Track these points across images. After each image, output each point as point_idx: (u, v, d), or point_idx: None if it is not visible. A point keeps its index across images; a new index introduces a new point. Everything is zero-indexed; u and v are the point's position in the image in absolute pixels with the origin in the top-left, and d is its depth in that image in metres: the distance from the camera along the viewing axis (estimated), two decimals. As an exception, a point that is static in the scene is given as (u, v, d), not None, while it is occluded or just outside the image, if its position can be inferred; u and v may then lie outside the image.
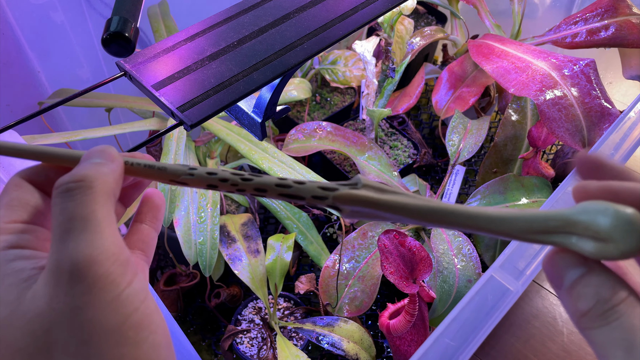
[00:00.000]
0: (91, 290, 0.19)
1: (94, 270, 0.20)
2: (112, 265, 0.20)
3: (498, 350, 0.77)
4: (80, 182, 0.21)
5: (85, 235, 0.20)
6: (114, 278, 0.20)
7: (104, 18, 0.80)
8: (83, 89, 0.34)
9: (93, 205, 0.21)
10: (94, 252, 0.20)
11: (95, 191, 0.21)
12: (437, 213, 0.23)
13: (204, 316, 0.80)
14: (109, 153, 0.23)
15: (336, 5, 0.40)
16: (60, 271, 0.20)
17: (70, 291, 0.19)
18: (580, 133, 0.69)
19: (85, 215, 0.20)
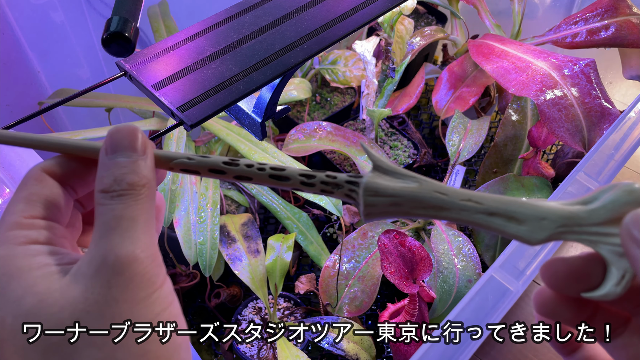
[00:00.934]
0: (128, 285, 0.20)
1: (134, 266, 0.20)
2: (149, 265, 0.21)
3: (498, 350, 0.77)
4: (129, 190, 0.22)
5: (130, 233, 0.21)
6: (149, 277, 0.21)
7: (104, 18, 0.80)
8: (83, 89, 0.34)
9: (140, 210, 0.22)
10: (136, 249, 0.21)
11: (142, 197, 0.22)
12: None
13: (204, 316, 0.80)
14: (142, 142, 0.23)
15: (336, 5, 0.40)
16: (102, 263, 0.20)
17: (108, 283, 0.20)
18: (580, 133, 0.69)
19: (132, 217, 0.21)
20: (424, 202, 0.22)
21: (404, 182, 0.23)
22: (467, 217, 0.22)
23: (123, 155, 0.23)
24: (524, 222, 0.21)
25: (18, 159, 0.47)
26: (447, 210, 0.22)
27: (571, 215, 0.21)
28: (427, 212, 0.22)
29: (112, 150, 0.23)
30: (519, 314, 0.82)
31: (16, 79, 0.77)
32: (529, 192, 0.74)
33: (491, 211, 0.22)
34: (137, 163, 0.22)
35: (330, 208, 0.71)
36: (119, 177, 0.22)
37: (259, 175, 0.24)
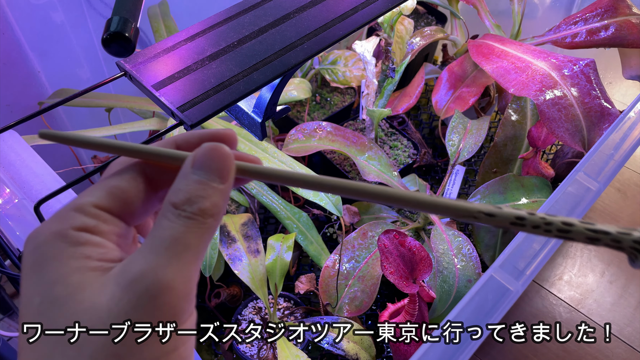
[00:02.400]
0: (154, 312, 0.19)
1: (167, 296, 0.19)
2: (182, 298, 0.20)
3: (498, 350, 0.77)
4: (198, 216, 0.21)
5: (179, 261, 0.20)
6: (176, 311, 0.20)
7: (104, 18, 0.80)
8: (83, 89, 0.34)
9: (199, 238, 0.21)
10: (177, 279, 0.20)
11: (207, 227, 0.21)
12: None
13: (204, 316, 0.80)
14: (229, 170, 0.22)
15: (336, 5, 0.40)
16: (138, 280, 0.19)
17: (134, 301, 0.19)
18: (580, 133, 0.69)
19: (189, 243, 0.21)
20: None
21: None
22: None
23: (207, 177, 0.22)
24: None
25: (18, 159, 0.47)
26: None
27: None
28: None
29: (199, 166, 0.22)
30: (519, 314, 0.82)
31: (16, 79, 0.77)
32: (528, 192, 0.74)
33: None
34: (216, 190, 0.22)
35: (330, 208, 0.71)
36: (194, 199, 0.21)
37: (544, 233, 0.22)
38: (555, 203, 0.51)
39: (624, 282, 0.88)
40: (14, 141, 0.48)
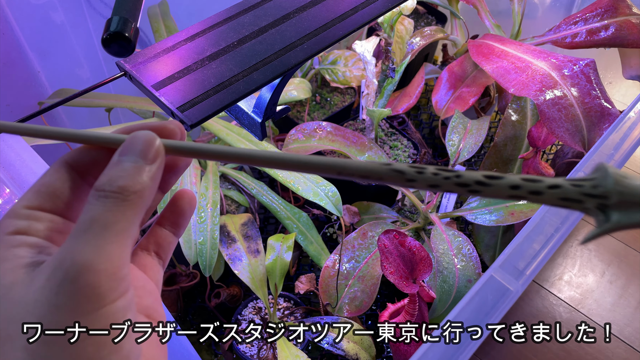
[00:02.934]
0: (75, 295, 0.19)
1: (87, 277, 0.19)
2: (105, 278, 0.20)
3: (498, 350, 0.77)
4: (117, 193, 0.21)
5: (97, 241, 0.20)
6: (101, 292, 0.20)
7: (104, 18, 0.80)
8: (83, 89, 0.34)
9: (119, 216, 0.21)
10: (96, 259, 0.20)
11: (128, 203, 0.21)
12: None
13: (204, 316, 0.80)
14: (155, 150, 0.23)
15: (336, 5, 0.40)
16: (58, 266, 0.20)
17: (57, 289, 0.19)
18: (580, 133, 0.69)
19: (107, 223, 0.20)
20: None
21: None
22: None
23: (129, 160, 0.22)
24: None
25: (18, 159, 0.47)
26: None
27: None
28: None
29: (123, 152, 0.22)
30: (519, 314, 0.82)
31: (16, 79, 0.77)
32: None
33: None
34: (138, 168, 0.22)
35: (330, 208, 0.71)
36: (114, 178, 0.21)
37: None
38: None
39: (624, 282, 0.88)
40: (14, 141, 0.48)
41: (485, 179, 0.22)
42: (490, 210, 0.73)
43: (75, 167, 0.24)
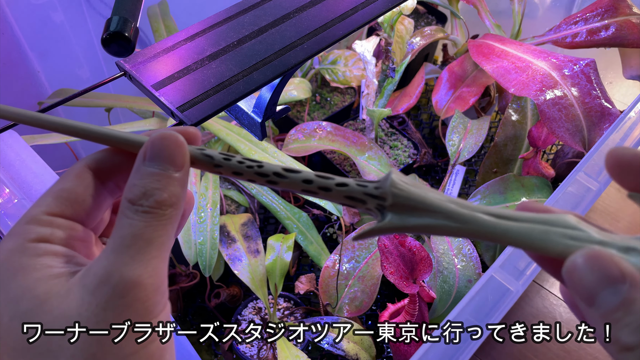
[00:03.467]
0: (125, 310, 0.19)
1: (136, 292, 0.19)
2: (152, 293, 0.20)
3: (498, 351, 0.77)
4: (156, 208, 0.21)
5: (143, 256, 0.20)
6: (148, 305, 0.20)
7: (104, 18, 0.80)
8: (83, 89, 0.34)
9: (160, 231, 0.21)
10: (144, 274, 0.20)
11: (167, 217, 0.21)
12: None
13: (204, 316, 0.80)
14: (182, 157, 0.22)
15: (336, 5, 0.40)
16: (105, 281, 0.19)
17: (105, 304, 0.19)
18: (580, 133, 0.69)
19: (150, 238, 0.20)
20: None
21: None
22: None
23: (159, 167, 0.22)
24: None
25: (18, 159, 0.47)
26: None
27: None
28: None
29: (150, 157, 0.22)
30: (519, 314, 0.82)
31: (16, 79, 0.77)
32: (529, 192, 0.74)
33: None
34: (170, 178, 0.21)
35: (330, 208, 0.71)
36: (150, 192, 0.21)
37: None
38: (555, 203, 0.51)
39: (624, 282, 0.88)
40: (14, 141, 0.48)
41: (283, 172, 0.23)
42: (490, 210, 0.73)
43: (97, 172, 0.23)
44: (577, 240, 0.20)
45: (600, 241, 0.20)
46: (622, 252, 0.19)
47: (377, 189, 0.22)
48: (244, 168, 0.23)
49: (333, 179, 0.23)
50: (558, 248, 0.20)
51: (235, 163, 0.23)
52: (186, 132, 0.24)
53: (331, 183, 0.23)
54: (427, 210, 0.21)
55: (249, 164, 0.23)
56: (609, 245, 0.20)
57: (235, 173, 0.23)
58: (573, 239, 0.20)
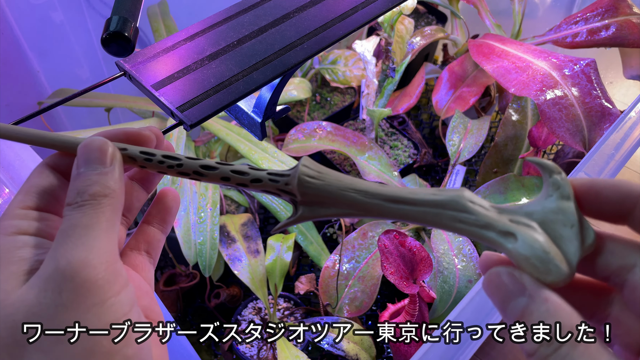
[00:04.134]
0: (78, 290, 0.20)
1: (85, 272, 0.20)
2: (102, 271, 0.21)
3: (498, 351, 0.77)
4: (91, 200, 0.22)
5: (84, 240, 0.21)
6: (102, 284, 0.20)
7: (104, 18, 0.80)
8: (83, 89, 0.34)
9: (99, 217, 0.22)
10: (88, 255, 0.20)
11: (104, 205, 0.22)
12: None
13: (204, 316, 0.80)
14: (109, 155, 0.24)
15: (336, 4, 0.40)
16: (55, 268, 0.20)
17: (58, 288, 0.20)
18: (580, 133, 0.69)
19: (89, 224, 0.21)
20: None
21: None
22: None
23: (90, 169, 0.23)
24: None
25: (17, 159, 0.47)
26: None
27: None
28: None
29: (81, 164, 0.23)
30: (519, 314, 0.82)
31: (15, 79, 0.76)
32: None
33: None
34: (101, 174, 0.23)
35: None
36: (82, 189, 0.22)
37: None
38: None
39: (624, 282, 0.88)
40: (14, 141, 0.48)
41: (201, 170, 0.24)
42: (490, 210, 0.73)
43: (56, 169, 0.25)
44: (464, 223, 0.22)
45: (484, 225, 0.21)
46: (501, 236, 0.21)
47: (287, 185, 0.24)
48: (165, 168, 0.25)
49: (248, 174, 0.24)
50: (450, 229, 0.22)
51: (156, 163, 0.25)
52: (138, 135, 0.26)
53: (246, 179, 0.24)
54: (333, 202, 0.23)
55: (169, 164, 0.25)
56: (490, 229, 0.21)
57: (160, 172, 0.25)
58: (461, 222, 0.22)
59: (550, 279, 0.20)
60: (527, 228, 0.21)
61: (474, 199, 0.22)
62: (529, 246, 0.20)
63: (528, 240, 0.20)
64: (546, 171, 0.22)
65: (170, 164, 0.25)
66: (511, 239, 0.21)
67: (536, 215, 0.21)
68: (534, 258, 0.20)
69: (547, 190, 0.22)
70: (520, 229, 0.21)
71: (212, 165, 0.24)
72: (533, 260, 0.20)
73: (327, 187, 0.23)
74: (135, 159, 0.25)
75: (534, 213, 0.21)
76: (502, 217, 0.21)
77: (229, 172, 0.24)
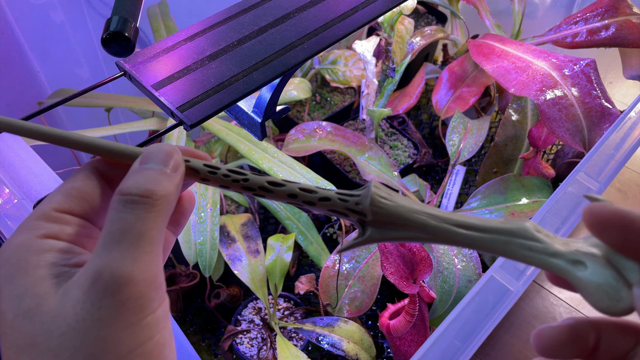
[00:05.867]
0: (119, 308, 0.19)
1: (128, 289, 0.19)
2: (146, 289, 0.20)
3: (498, 351, 0.77)
4: (146, 198, 0.21)
5: (133, 251, 0.20)
6: (143, 302, 0.20)
7: (104, 18, 0.80)
8: (83, 89, 0.34)
9: (151, 224, 0.21)
10: (135, 270, 0.20)
11: (158, 210, 0.21)
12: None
13: (204, 316, 0.80)
14: (175, 161, 0.23)
15: (336, 5, 0.40)
16: (97, 279, 0.19)
17: (98, 302, 0.19)
18: (580, 133, 0.69)
19: (140, 232, 0.20)
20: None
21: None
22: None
23: (155, 166, 0.22)
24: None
25: (17, 159, 0.47)
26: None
27: None
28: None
29: (146, 160, 0.23)
30: (519, 314, 0.82)
31: (16, 79, 0.77)
32: (529, 192, 0.74)
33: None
34: (163, 174, 0.22)
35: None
36: (142, 183, 0.21)
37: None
38: (555, 203, 0.51)
39: (624, 282, 0.88)
40: (14, 141, 0.48)
41: (268, 186, 0.24)
42: (490, 210, 0.73)
43: (104, 175, 0.24)
44: (533, 252, 0.22)
45: (553, 253, 0.22)
46: (570, 264, 0.21)
47: (357, 205, 0.23)
48: (230, 182, 0.24)
49: (317, 192, 0.24)
50: (517, 257, 0.22)
51: (220, 177, 0.24)
52: (195, 153, 0.25)
53: (315, 197, 0.24)
54: (403, 224, 0.23)
55: (234, 178, 0.24)
56: (559, 257, 0.21)
57: (222, 186, 0.24)
58: (530, 249, 0.22)
59: (622, 305, 0.20)
60: (594, 257, 0.21)
61: (539, 228, 0.22)
62: (600, 274, 0.21)
63: (598, 269, 0.21)
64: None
65: (235, 179, 0.24)
66: (581, 267, 0.21)
67: (600, 246, 0.22)
68: (605, 285, 0.20)
69: None
70: (588, 258, 0.21)
71: (279, 182, 0.24)
72: (605, 287, 0.20)
73: (399, 209, 0.23)
74: (199, 171, 0.24)
75: (598, 245, 0.22)
76: (569, 246, 0.22)
77: (297, 190, 0.24)
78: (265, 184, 0.24)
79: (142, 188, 0.21)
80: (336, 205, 0.23)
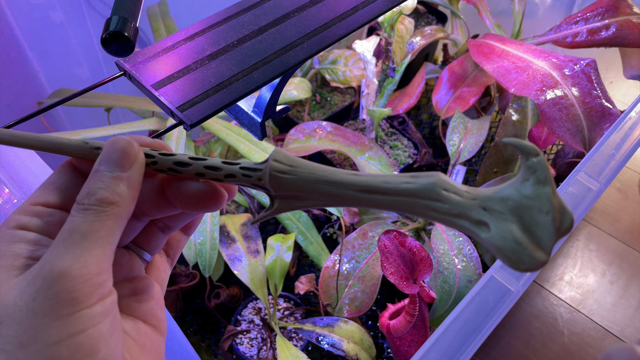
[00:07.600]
0: (52, 300, 0.20)
1: (62, 282, 0.20)
2: (82, 284, 0.20)
3: (498, 351, 0.77)
4: (96, 206, 0.22)
5: (75, 248, 0.21)
6: (77, 296, 0.20)
7: (104, 18, 0.80)
8: (82, 89, 0.34)
9: (98, 225, 0.22)
10: (73, 266, 0.20)
11: (107, 214, 0.22)
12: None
13: (204, 316, 0.80)
14: (127, 159, 0.23)
15: (336, 4, 0.40)
16: (38, 272, 0.20)
17: (34, 294, 0.20)
18: (581, 133, 0.69)
19: (85, 232, 0.21)
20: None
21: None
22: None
23: (107, 169, 0.23)
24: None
25: (17, 159, 0.47)
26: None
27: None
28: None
29: (101, 161, 0.23)
30: (520, 314, 0.82)
31: (16, 79, 0.76)
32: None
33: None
34: (115, 178, 0.23)
35: (331, 208, 0.70)
36: (92, 191, 0.22)
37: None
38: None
39: (624, 283, 0.88)
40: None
41: (175, 167, 0.24)
42: (490, 210, 0.73)
43: (80, 168, 0.25)
44: (438, 212, 0.22)
45: (457, 214, 0.21)
46: (475, 226, 0.21)
47: (260, 180, 0.24)
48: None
49: (221, 169, 0.24)
50: (425, 217, 0.22)
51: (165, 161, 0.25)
52: (158, 144, 0.26)
53: (220, 175, 0.24)
54: (307, 195, 0.23)
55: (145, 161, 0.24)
56: (464, 219, 0.21)
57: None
58: (435, 210, 0.22)
59: (523, 267, 0.20)
60: (501, 216, 0.21)
61: (448, 185, 0.22)
62: (501, 237, 0.20)
63: (501, 230, 0.20)
64: (523, 153, 0.21)
65: (145, 162, 0.24)
66: (484, 228, 0.21)
67: (511, 201, 0.21)
68: (506, 249, 0.20)
69: (524, 174, 0.21)
70: (493, 218, 0.21)
71: (186, 162, 0.24)
72: (506, 251, 0.20)
73: (299, 182, 0.23)
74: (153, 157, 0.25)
75: (509, 198, 0.21)
76: (475, 205, 0.21)
77: (202, 168, 0.24)
78: (172, 165, 0.24)
79: (93, 198, 0.22)
80: (241, 180, 0.24)
